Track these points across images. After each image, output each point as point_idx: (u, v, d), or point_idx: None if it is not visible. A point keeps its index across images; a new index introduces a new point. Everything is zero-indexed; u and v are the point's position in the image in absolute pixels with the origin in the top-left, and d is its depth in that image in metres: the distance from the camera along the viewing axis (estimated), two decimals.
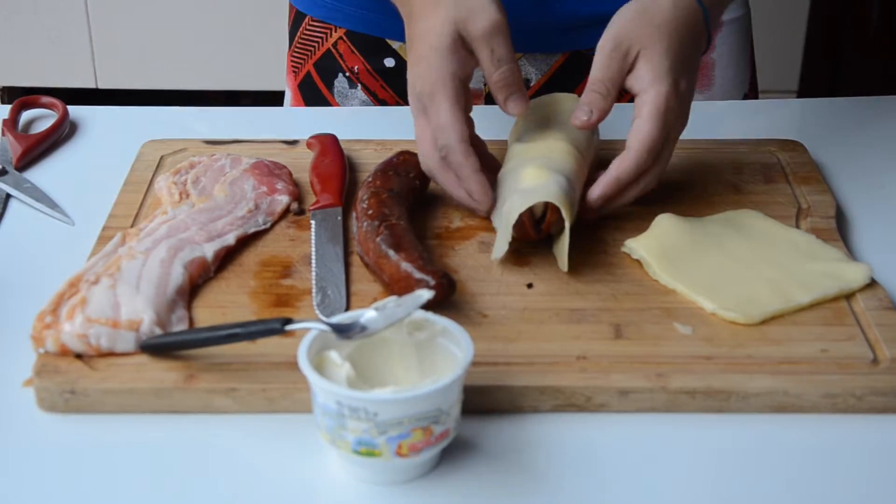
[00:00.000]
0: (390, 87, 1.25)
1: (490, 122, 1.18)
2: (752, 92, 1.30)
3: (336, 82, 1.26)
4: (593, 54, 0.99)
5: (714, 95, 1.26)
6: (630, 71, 0.96)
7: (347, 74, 1.25)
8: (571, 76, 1.23)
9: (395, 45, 1.23)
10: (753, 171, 1.07)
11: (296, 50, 1.29)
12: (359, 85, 1.25)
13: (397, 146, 1.08)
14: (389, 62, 1.23)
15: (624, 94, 0.98)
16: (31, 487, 0.76)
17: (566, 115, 1.02)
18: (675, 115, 0.95)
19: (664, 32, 0.96)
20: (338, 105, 1.27)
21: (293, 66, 1.30)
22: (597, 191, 0.95)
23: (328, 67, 1.26)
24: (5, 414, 0.82)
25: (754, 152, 1.10)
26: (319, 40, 1.25)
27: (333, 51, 1.25)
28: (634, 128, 0.95)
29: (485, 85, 1.25)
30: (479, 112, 1.23)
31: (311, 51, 1.27)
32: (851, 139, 1.16)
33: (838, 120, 1.20)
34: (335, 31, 1.24)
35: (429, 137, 0.95)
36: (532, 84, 1.23)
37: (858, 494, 0.76)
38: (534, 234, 0.93)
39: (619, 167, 0.95)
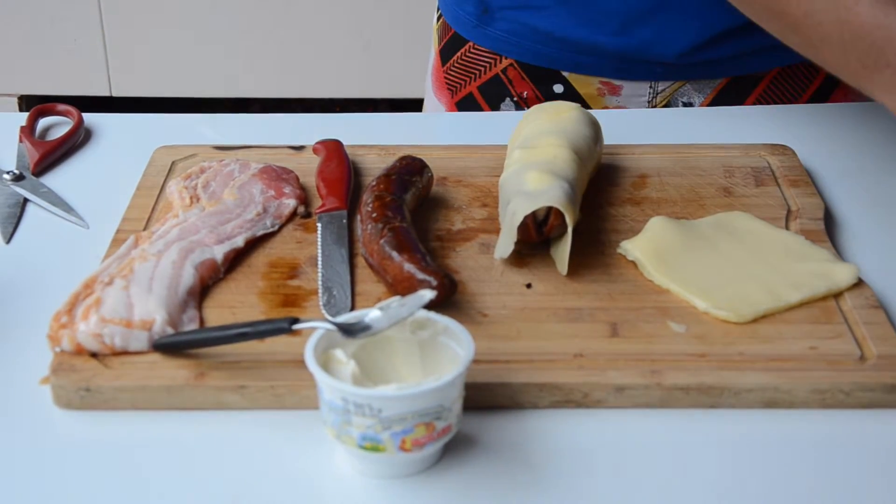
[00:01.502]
0: None
1: (491, 127, 1.20)
2: None
3: (503, 105, 1.27)
4: (756, 78, 0.95)
5: None
6: None
7: (515, 99, 1.26)
8: (731, 99, 1.24)
9: (565, 73, 1.24)
10: (744, 175, 1.07)
11: (454, 69, 1.28)
12: (526, 108, 1.25)
13: (400, 151, 1.08)
14: (559, 88, 1.24)
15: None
16: (47, 482, 0.77)
17: (568, 122, 1.04)
18: None
19: None
20: None
21: (449, 84, 1.29)
22: None
23: (495, 92, 1.26)
24: (23, 411, 0.83)
25: (745, 156, 1.10)
26: (486, 65, 1.26)
27: (502, 76, 1.25)
28: None
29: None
30: (480, 117, 1.25)
31: (475, 74, 1.27)
32: (839, 143, 1.16)
33: (826, 125, 1.20)
34: (504, 59, 1.25)
35: None
36: (694, 107, 1.25)
37: (846, 486, 0.77)
38: (536, 237, 0.94)
39: None
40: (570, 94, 1.24)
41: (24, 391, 0.84)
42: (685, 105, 1.25)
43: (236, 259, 0.96)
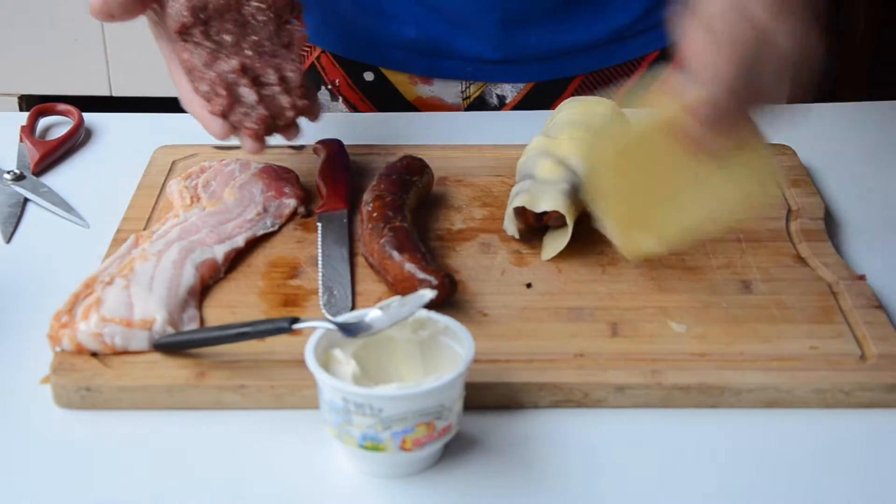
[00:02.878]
0: (369, 100, 1.26)
1: (491, 127, 1.20)
2: None
3: (318, 94, 1.25)
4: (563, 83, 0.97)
5: None
6: None
7: (329, 87, 1.26)
8: (541, 101, 1.23)
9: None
10: None
11: None
12: (340, 98, 1.26)
13: (401, 151, 1.08)
14: (369, 76, 1.24)
15: None
16: (47, 481, 0.77)
17: (598, 117, 1.03)
18: (716, 29, 0.82)
19: None
20: None
21: None
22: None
23: (311, 80, 1.23)
24: (23, 410, 0.83)
25: None
26: (304, 53, 1.23)
27: (317, 64, 1.25)
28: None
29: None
30: (481, 117, 1.25)
31: None
32: (840, 143, 1.16)
33: (827, 125, 1.19)
34: (316, 48, 1.25)
35: None
36: (507, 102, 1.24)
37: (846, 485, 0.77)
38: (533, 222, 0.96)
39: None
40: (381, 82, 1.23)
41: (25, 391, 0.84)
42: (499, 98, 1.24)
43: (236, 259, 0.96)
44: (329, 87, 1.26)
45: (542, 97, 1.23)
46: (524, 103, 1.24)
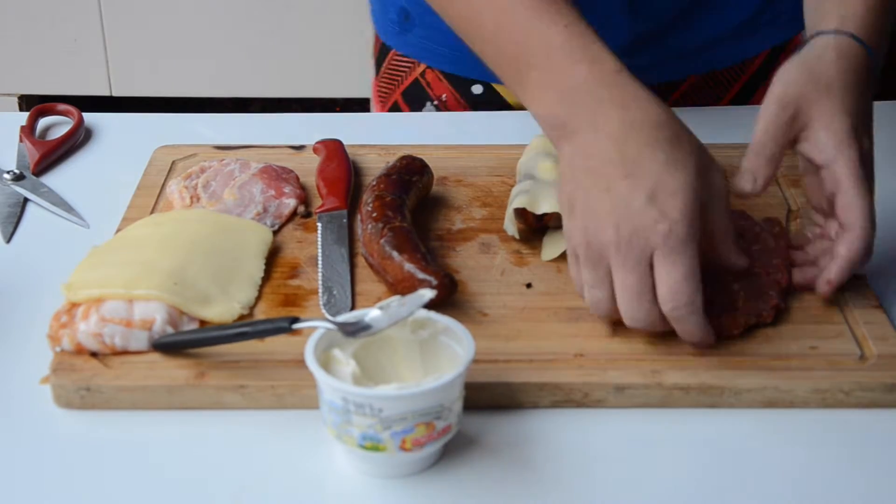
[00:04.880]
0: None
1: (491, 127, 1.20)
2: None
3: (423, 110, 1.25)
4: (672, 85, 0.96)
5: None
6: (802, 138, 0.89)
7: (435, 103, 1.24)
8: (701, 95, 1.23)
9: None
10: None
11: (382, 80, 1.27)
12: (446, 111, 1.24)
13: (400, 150, 1.08)
14: (477, 89, 1.22)
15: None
16: (47, 481, 0.77)
17: None
18: (867, 176, 0.88)
19: (835, 91, 0.88)
20: None
21: (380, 97, 1.29)
22: (832, 278, 0.87)
23: (416, 96, 1.25)
24: (23, 410, 0.83)
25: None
26: (407, 70, 1.24)
27: (421, 80, 1.24)
28: (844, 204, 0.86)
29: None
30: (480, 117, 1.25)
31: (398, 81, 1.25)
32: None
33: None
34: (422, 64, 1.24)
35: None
36: (695, 108, 1.23)
37: (846, 485, 0.77)
38: (533, 223, 0.96)
39: (849, 249, 0.86)
40: (489, 95, 1.22)
41: (24, 391, 0.84)
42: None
43: None
44: (435, 102, 1.24)
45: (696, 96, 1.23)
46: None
